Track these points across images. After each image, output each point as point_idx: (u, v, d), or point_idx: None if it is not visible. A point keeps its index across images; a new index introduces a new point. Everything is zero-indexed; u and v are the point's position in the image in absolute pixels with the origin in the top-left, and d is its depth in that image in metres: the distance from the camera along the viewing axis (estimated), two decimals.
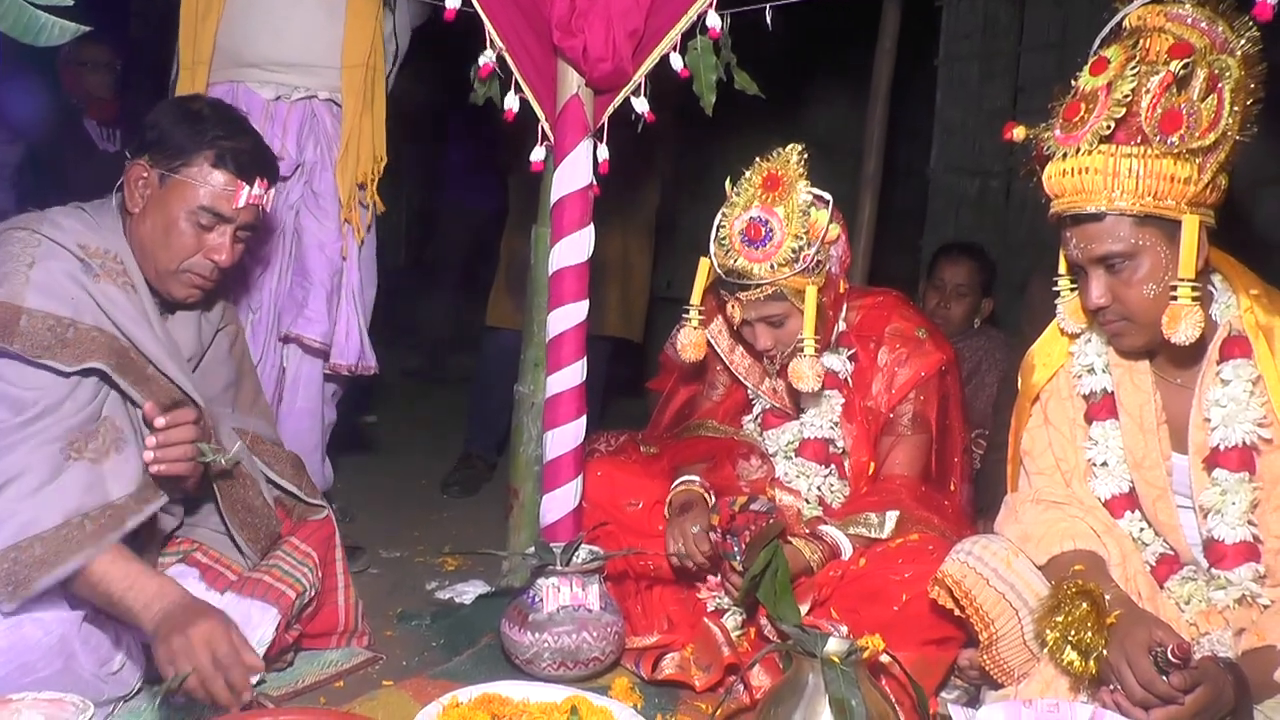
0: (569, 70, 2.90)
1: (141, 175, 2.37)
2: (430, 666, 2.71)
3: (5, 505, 2.07)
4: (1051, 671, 2.18)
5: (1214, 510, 2.17)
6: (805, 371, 2.59)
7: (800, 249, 2.55)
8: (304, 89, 3.22)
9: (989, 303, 4.38)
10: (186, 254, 2.37)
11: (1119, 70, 2.06)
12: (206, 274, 2.41)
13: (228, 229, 2.41)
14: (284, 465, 2.57)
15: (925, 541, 2.58)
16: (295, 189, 3.24)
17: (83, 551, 2.08)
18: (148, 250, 2.36)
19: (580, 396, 2.96)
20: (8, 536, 2.06)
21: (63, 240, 2.25)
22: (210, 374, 2.53)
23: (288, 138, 3.20)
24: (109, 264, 2.30)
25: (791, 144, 2.64)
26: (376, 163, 3.30)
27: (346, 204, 3.24)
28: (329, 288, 3.25)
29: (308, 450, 3.33)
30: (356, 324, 3.32)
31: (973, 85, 5.81)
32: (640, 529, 2.85)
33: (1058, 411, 2.39)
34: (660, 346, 3.16)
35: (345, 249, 3.28)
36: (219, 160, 2.37)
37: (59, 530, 2.08)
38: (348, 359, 3.28)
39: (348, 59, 3.21)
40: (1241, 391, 2.15)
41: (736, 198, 2.64)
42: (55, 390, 2.17)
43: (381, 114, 3.32)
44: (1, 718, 1.81)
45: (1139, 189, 2.04)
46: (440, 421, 5.49)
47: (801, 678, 2.15)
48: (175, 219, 2.35)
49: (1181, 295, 2.03)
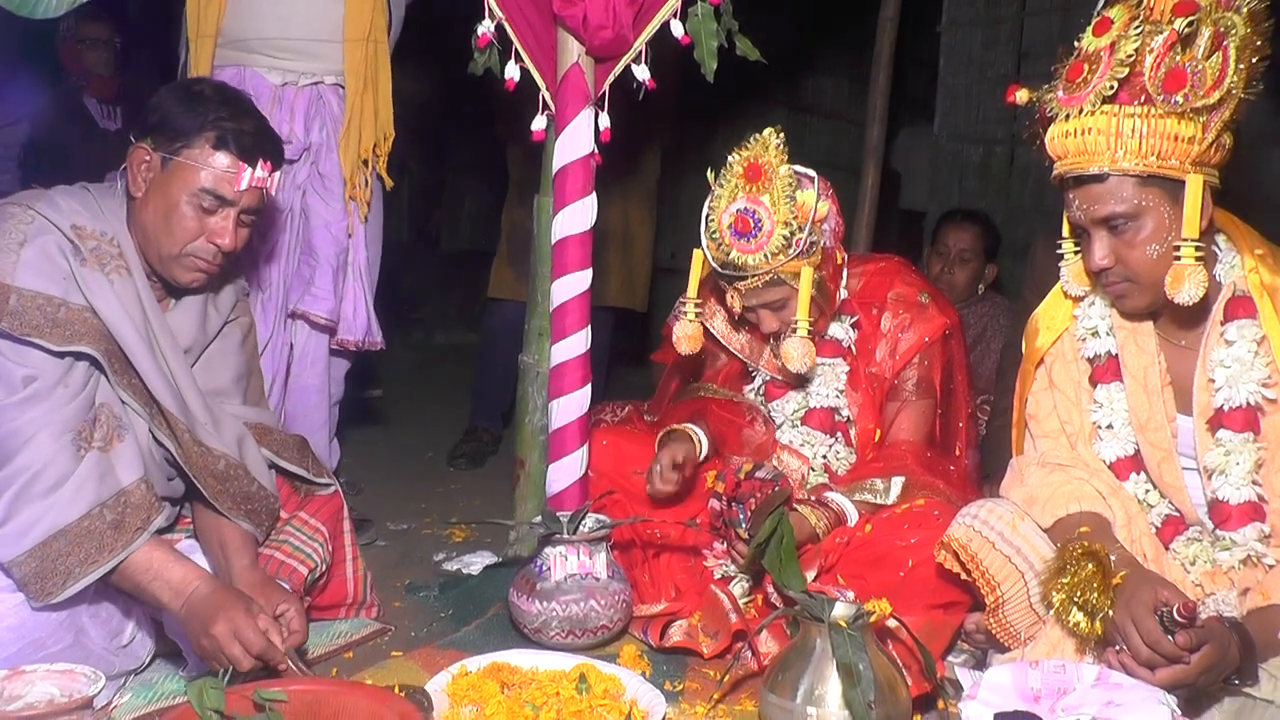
0: (569, 39, 2.88)
1: (144, 159, 2.33)
2: (439, 637, 2.72)
3: (31, 504, 2.07)
4: (1058, 633, 2.18)
5: (1218, 471, 2.17)
6: (794, 352, 2.59)
7: (791, 235, 2.54)
8: (311, 74, 3.23)
9: (993, 269, 4.38)
10: (189, 238, 2.31)
11: (1122, 30, 2.03)
12: (209, 258, 2.35)
13: (230, 212, 2.34)
14: (290, 451, 2.55)
15: (931, 507, 2.58)
16: (303, 171, 3.26)
17: (116, 553, 2.10)
18: (150, 234, 2.32)
19: (585, 365, 2.96)
20: (37, 536, 2.07)
21: (57, 220, 2.21)
22: (217, 364, 2.49)
23: (295, 121, 3.21)
24: (104, 247, 2.26)
25: (768, 128, 2.60)
26: (382, 139, 3.31)
27: (350, 181, 3.25)
28: (335, 265, 3.27)
29: (316, 426, 3.35)
30: (363, 300, 3.35)
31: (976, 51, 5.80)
32: (646, 497, 2.85)
33: (1062, 374, 2.39)
34: (664, 317, 3.17)
35: (351, 227, 3.29)
36: (220, 142, 2.31)
37: (80, 523, 2.09)
38: (355, 335, 3.32)
39: (349, 33, 3.21)
40: (1246, 352, 2.15)
41: (720, 189, 2.61)
42: (51, 371, 2.16)
43: (387, 92, 3.32)
44: (15, 689, 1.82)
45: (1142, 149, 2.03)
46: (445, 394, 5.50)
47: (809, 643, 2.16)
48: (177, 202, 2.30)
49: (1185, 255, 2.02)
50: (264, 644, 2.08)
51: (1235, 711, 2.02)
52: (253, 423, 2.50)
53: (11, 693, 1.83)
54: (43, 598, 2.09)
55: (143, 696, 2.28)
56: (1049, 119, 2.15)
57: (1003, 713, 1.91)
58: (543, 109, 2.99)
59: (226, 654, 2.06)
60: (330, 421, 3.48)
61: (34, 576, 2.07)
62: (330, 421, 3.48)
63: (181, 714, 1.92)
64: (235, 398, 2.52)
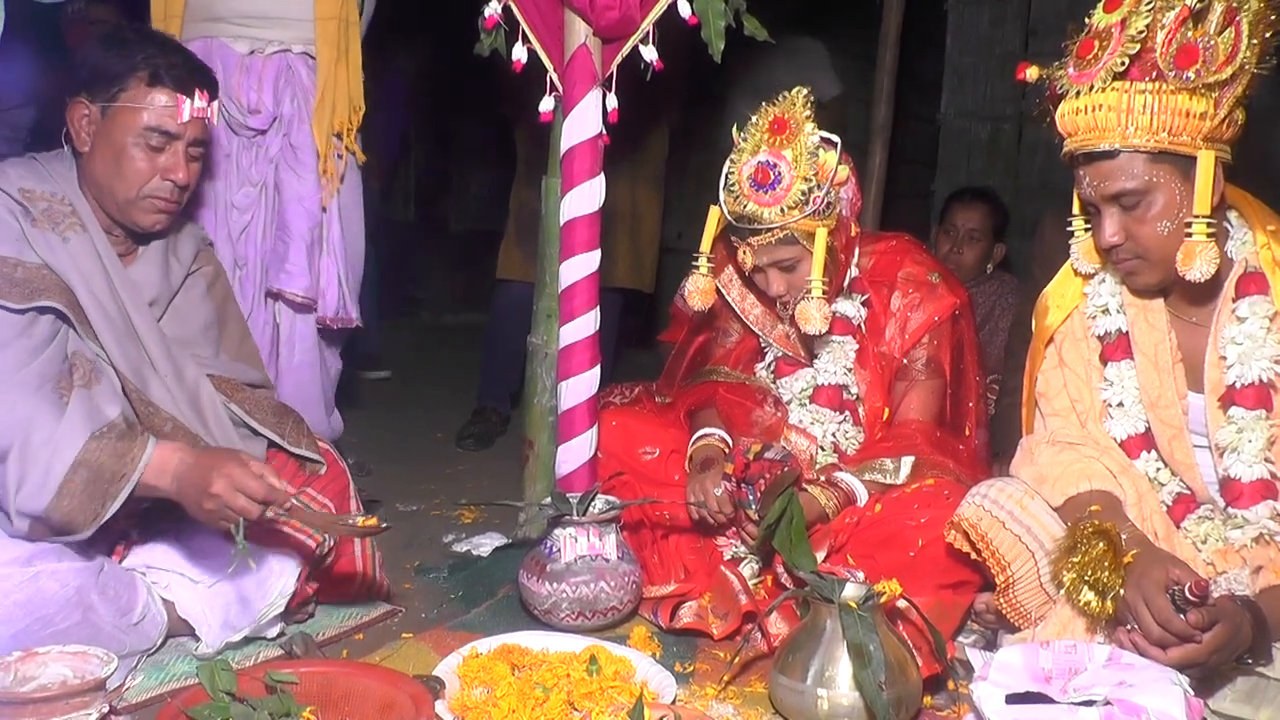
0: (576, 19, 2.87)
1: (83, 113, 2.38)
2: (449, 618, 2.72)
3: (37, 454, 2.09)
4: (1068, 613, 2.18)
5: (1230, 449, 2.17)
6: (813, 313, 2.57)
7: (810, 191, 2.54)
8: (278, 43, 3.21)
9: (1001, 248, 4.37)
10: (143, 179, 2.37)
11: (1133, 6, 2.03)
12: (168, 195, 2.41)
13: (178, 147, 2.40)
14: (265, 413, 2.55)
15: (941, 486, 2.58)
16: (274, 143, 3.23)
17: (137, 460, 2.12)
18: (104, 185, 2.37)
19: (594, 346, 2.95)
20: (57, 477, 2.08)
21: (4, 186, 2.27)
22: (183, 315, 2.52)
23: (264, 91, 3.19)
24: (55, 207, 2.31)
25: (798, 87, 2.62)
26: (354, 112, 3.29)
27: (324, 155, 3.23)
28: (308, 240, 3.24)
29: (311, 401, 3.33)
30: (335, 275, 3.30)
31: (983, 29, 5.78)
32: (656, 478, 2.85)
33: (1072, 353, 2.38)
34: (671, 298, 3.16)
35: (325, 201, 3.27)
36: (154, 79, 2.37)
37: (88, 447, 2.11)
38: (327, 311, 3.28)
39: (320, 11, 3.19)
40: (1258, 328, 2.14)
41: (744, 143, 2.62)
42: (10, 325, 2.18)
43: (358, 64, 3.30)
44: (28, 670, 1.83)
45: (1153, 125, 2.02)
46: (453, 376, 5.50)
47: (819, 624, 2.16)
48: (124, 146, 2.35)
49: (1196, 232, 2.01)
50: (266, 487, 2.10)
51: (1248, 692, 2.03)
52: (223, 378, 2.52)
53: (24, 674, 1.84)
54: (90, 525, 2.11)
55: (154, 678, 2.28)
56: (1059, 96, 2.15)
57: (1014, 693, 1.90)
58: (550, 90, 2.98)
59: (234, 508, 2.08)
60: (326, 397, 3.45)
61: (76, 512, 2.10)
62: (326, 397, 3.45)
63: (193, 695, 1.93)
64: (206, 347, 2.56)
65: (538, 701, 2.09)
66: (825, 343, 2.79)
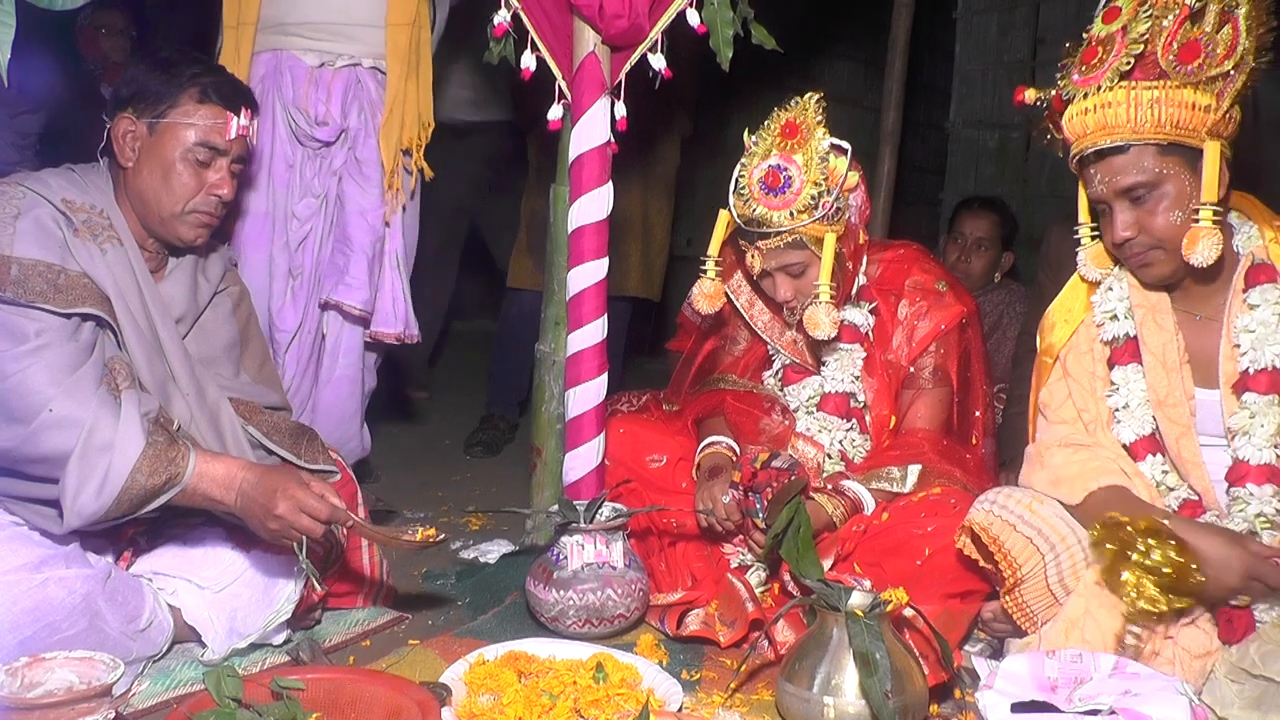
0: (585, 28, 2.88)
1: (129, 129, 2.41)
2: (456, 625, 2.72)
3: (99, 458, 2.10)
4: (1074, 614, 2.20)
5: (1242, 432, 2.20)
6: (821, 318, 2.57)
7: (819, 195, 2.54)
8: (348, 56, 3.22)
9: (1009, 256, 4.37)
10: (189, 194, 2.42)
11: (1132, 14, 2.14)
12: (212, 209, 2.46)
13: (224, 162, 2.46)
14: (281, 435, 2.56)
15: (948, 495, 2.58)
16: (339, 155, 3.25)
17: (186, 464, 2.17)
18: (150, 200, 2.40)
19: (601, 354, 2.95)
20: (116, 481, 2.10)
21: (48, 195, 2.29)
22: (208, 334, 2.55)
23: (332, 103, 3.21)
24: (94, 219, 2.34)
25: (809, 93, 2.63)
26: (423, 128, 3.30)
27: (390, 170, 3.24)
28: (370, 255, 3.25)
29: (346, 417, 3.35)
30: (401, 292, 3.33)
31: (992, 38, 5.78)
32: (663, 485, 2.86)
33: (1077, 365, 2.41)
34: (679, 306, 3.16)
35: (388, 216, 3.28)
36: (204, 96, 2.42)
37: (146, 453, 2.13)
38: (393, 327, 3.30)
39: (392, 16, 3.21)
40: (1270, 315, 2.20)
41: (755, 147, 2.63)
42: (59, 328, 2.20)
43: (428, 80, 3.32)
44: (35, 676, 1.83)
45: (1161, 118, 2.12)
46: (462, 383, 5.51)
47: (826, 632, 2.16)
48: (172, 162, 2.40)
49: (1204, 218, 2.10)
50: (329, 508, 2.19)
51: (1256, 698, 2.03)
52: (243, 400, 2.53)
53: (31, 680, 1.84)
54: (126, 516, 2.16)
55: (161, 684, 2.29)
56: (1064, 104, 2.21)
57: (1019, 702, 1.91)
58: (559, 98, 2.99)
59: (299, 528, 2.18)
60: (360, 412, 3.46)
61: (119, 513, 2.13)
62: (360, 412, 3.46)
63: (199, 701, 1.94)
64: (228, 366, 2.58)
65: (544, 709, 2.09)
66: (833, 350, 2.80)
